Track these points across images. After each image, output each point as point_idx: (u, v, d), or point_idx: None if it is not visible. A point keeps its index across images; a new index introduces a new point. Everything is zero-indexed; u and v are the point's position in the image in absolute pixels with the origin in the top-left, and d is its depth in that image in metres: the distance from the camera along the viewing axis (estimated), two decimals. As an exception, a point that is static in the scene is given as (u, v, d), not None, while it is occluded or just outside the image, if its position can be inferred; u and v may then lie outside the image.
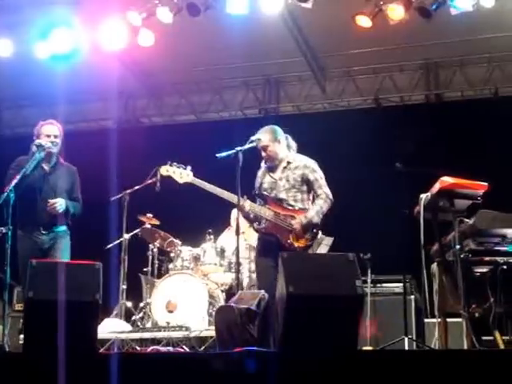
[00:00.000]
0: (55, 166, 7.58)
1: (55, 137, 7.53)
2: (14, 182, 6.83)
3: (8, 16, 9.86)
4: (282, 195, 7.16)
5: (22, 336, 8.39)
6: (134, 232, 9.69)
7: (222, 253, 9.30)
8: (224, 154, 7.06)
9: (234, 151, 7.01)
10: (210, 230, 9.50)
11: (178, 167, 7.47)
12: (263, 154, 7.27)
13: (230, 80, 12.37)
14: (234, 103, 12.66)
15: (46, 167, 7.58)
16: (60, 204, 7.34)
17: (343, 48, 11.17)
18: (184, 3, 9.36)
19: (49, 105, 11.73)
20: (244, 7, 9.17)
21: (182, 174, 7.42)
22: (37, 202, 7.42)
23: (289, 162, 7.25)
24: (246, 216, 7.24)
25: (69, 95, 10.65)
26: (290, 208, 7.13)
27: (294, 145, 7.41)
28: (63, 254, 7.34)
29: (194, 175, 7.42)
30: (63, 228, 7.46)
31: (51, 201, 7.33)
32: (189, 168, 7.43)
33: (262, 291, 6.40)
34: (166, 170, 7.55)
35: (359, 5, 9.20)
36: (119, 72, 11.05)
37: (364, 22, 9.19)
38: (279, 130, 7.35)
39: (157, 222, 9.87)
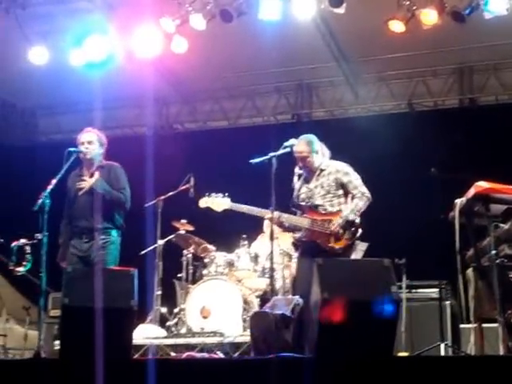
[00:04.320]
0: (95, 171, 7.66)
1: (89, 143, 7.65)
2: (49, 188, 6.89)
3: (43, 24, 9.95)
4: (319, 202, 7.19)
5: (57, 342, 8.48)
6: (169, 238, 9.71)
7: (255, 258, 9.30)
8: (258, 159, 7.09)
9: (267, 157, 7.04)
10: (244, 236, 9.49)
11: (216, 197, 7.67)
12: (300, 164, 7.30)
13: (262, 86, 12.38)
14: (267, 109, 12.67)
15: (85, 174, 7.68)
16: (88, 180, 7.44)
17: (376, 53, 11.13)
18: (217, 10, 9.38)
19: (84, 112, 11.83)
20: (277, 13, 9.17)
21: (220, 204, 7.68)
22: (75, 209, 7.52)
23: (322, 170, 7.27)
24: (280, 225, 7.29)
25: (104, 102, 10.69)
26: (327, 212, 7.12)
27: (327, 152, 7.43)
28: (106, 261, 7.38)
29: (232, 200, 7.55)
30: (106, 235, 7.51)
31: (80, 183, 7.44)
32: (226, 195, 7.58)
33: (297, 297, 6.42)
34: (204, 202, 7.87)
35: (392, 10, 9.16)
36: (153, 79, 11.09)
37: (397, 27, 9.15)
38: (316, 139, 7.38)
39: (191, 228, 9.87)
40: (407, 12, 9.04)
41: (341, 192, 7.21)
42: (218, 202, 7.64)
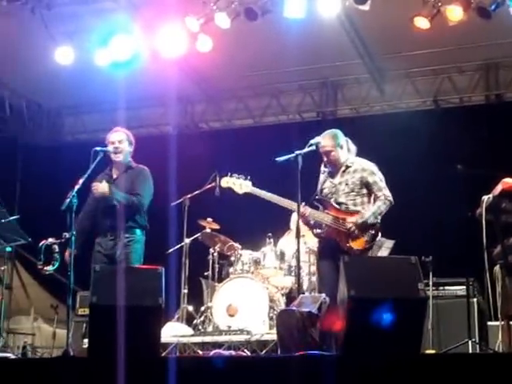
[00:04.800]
0: (125, 172, 7.70)
1: (119, 142, 7.69)
2: (77, 187, 6.93)
3: (68, 24, 10.00)
4: (342, 199, 7.15)
5: (85, 340, 8.51)
6: (195, 236, 9.74)
7: (282, 256, 9.30)
8: (283, 157, 7.07)
9: (293, 155, 7.01)
10: (270, 234, 9.49)
11: (238, 178, 7.59)
12: (325, 158, 7.26)
13: (287, 84, 12.38)
14: (292, 107, 12.67)
15: (114, 175, 7.74)
16: (101, 186, 7.46)
17: (401, 49, 11.09)
18: (242, 8, 9.37)
19: (109, 111, 11.91)
20: (301, 11, 9.15)
21: (242, 185, 7.54)
22: (100, 209, 7.57)
23: (347, 166, 7.23)
24: (306, 222, 7.25)
25: (128, 101, 10.74)
26: (349, 211, 7.10)
27: (353, 148, 7.39)
28: (130, 259, 7.42)
29: (253, 184, 7.48)
30: (130, 234, 7.55)
31: (94, 185, 7.47)
32: (248, 178, 7.50)
33: (323, 295, 6.40)
34: (226, 182, 7.71)
35: (417, 6, 9.12)
36: (178, 77, 11.11)
37: (422, 23, 9.11)
38: (341, 134, 7.34)
39: (217, 227, 9.90)
40: (432, 8, 9.01)
41: (364, 191, 7.16)
42: (239, 184, 7.55)
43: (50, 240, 7.23)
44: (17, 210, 10.93)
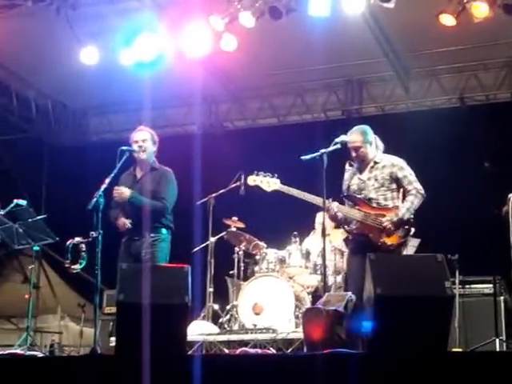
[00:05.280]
0: (149, 172, 7.72)
1: (143, 141, 7.70)
2: (103, 186, 6.96)
3: (93, 24, 10.05)
4: (372, 195, 7.11)
5: (112, 338, 8.59)
6: (220, 235, 9.76)
7: (307, 255, 9.30)
8: (309, 156, 7.06)
9: (318, 153, 7.01)
10: (296, 233, 9.49)
11: (265, 176, 7.54)
12: (353, 154, 7.22)
13: (311, 82, 12.35)
14: (316, 105, 12.65)
15: (138, 174, 7.76)
16: (123, 192, 7.47)
17: (426, 47, 11.04)
18: (266, 7, 9.38)
19: (134, 111, 11.97)
20: (326, 9, 9.14)
21: (270, 183, 7.50)
22: (125, 209, 7.60)
23: (376, 162, 7.20)
24: (334, 218, 7.22)
25: (154, 101, 10.79)
26: (380, 207, 7.08)
27: (381, 145, 7.36)
28: (156, 258, 7.45)
29: (281, 182, 7.47)
30: (156, 233, 7.57)
31: (115, 189, 7.48)
32: (275, 175, 7.49)
33: (349, 293, 6.39)
34: (253, 180, 7.66)
35: (442, 3, 9.09)
36: (202, 77, 11.14)
37: (448, 20, 9.07)
38: (370, 130, 7.31)
39: (242, 225, 9.91)
40: (458, 5, 8.97)
41: (394, 186, 7.12)
42: (267, 181, 7.53)
43: (77, 239, 7.29)
44: (43, 210, 11.02)
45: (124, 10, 9.99)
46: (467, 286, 8.99)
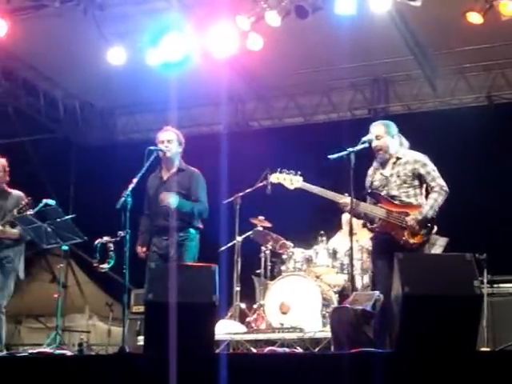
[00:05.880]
0: (176, 173, 7.75)
1: (168, 142, 7.73)
2: (131, 186, 7.00)
3: (120, 24, 10.09)
4: (394, 192, 7.04)
5: (139, 337, 8.62)
6: (247, 234, 9.77)
7: (334, 254, 9.28)
8: (336, 155, 7.04)
9: (346, 152, 6.98)
10: (322, 232, 9.47)
11: (288, 173, 7.52)
12: (374, 143, 7.18)
13: (338, 81, 12.33)
14: (343, 104, 12.63)
15: (164, 175, 7.79)
16: (170, 198, 7.48)
17: (454, 45, 10.99)
18: (292, 6, 9.36)
19: (161, 111, 12.01)
20: (352, 7, 9.11)
21: (293, 180, 7.47)
22: (153, 209, 7.63)
23: (398, 158, 7.13)
24: (358, 216, 7.20)
25: (180, 101, 10.81)
26: (403, 204, 7.03)
27: (406, 143, 7.30)
28: (184, 257, 7.47)
29: (304, 180, 7.45)
30: (184, 232, 7.60)
31: (162, 195, 7.48)
32: (298, 173, 7.47)
33: (377, 292, 6.38)
34: (276, 178, 7.64)
35: (469, 1, 9.05)
36: (229, 76, 11.15)
37: (475, 18, 9.03)
38: (394, 125, 7.28)
39: (269, 225, 9.91)
40: (485, 3, 8.92)
41: (417, 183, 7.05)
42: (290, 179, 7.51)
43: (105, 238, 7.34)
44: (71, 210, 11.09)
45: (151, 10, 10.02)
46: (495, 286, 8.97)
